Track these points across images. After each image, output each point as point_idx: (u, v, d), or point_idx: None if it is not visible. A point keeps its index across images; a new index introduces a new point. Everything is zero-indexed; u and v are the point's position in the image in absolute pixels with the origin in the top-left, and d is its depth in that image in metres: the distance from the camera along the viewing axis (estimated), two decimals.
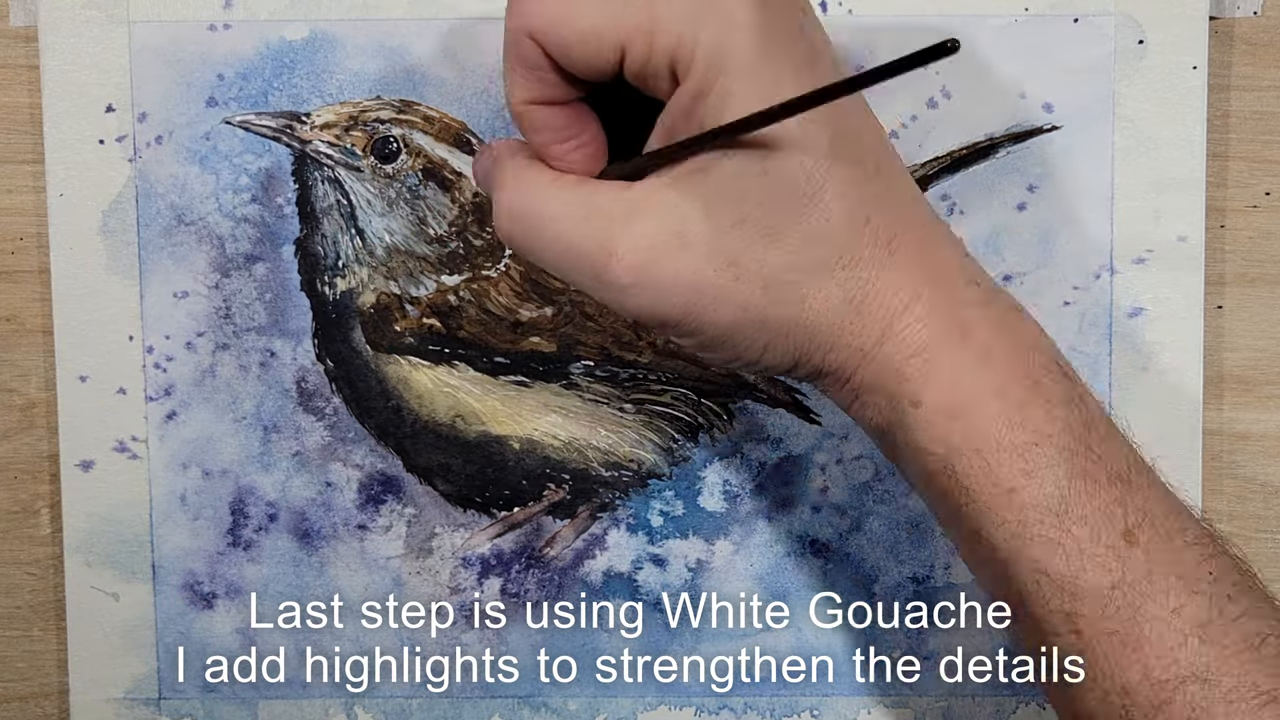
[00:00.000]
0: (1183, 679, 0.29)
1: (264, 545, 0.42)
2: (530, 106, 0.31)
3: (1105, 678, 0.29)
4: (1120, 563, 0.29)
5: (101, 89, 0.41)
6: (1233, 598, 0.29)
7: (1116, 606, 0.29)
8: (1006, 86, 0.41)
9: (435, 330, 0.41)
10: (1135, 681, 0.29)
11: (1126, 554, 0.29)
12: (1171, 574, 0.29)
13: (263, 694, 0.42)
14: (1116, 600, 0.29)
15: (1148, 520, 0.30)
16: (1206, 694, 0.29)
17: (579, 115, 0.31)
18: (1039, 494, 0.30)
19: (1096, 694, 0.30)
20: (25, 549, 0.43)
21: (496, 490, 0.42)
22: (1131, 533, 0.30)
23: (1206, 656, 0.29)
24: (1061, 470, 0.30)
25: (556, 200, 0.31)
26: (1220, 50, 0.41)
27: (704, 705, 0.42)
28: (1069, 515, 0.29)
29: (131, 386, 0.41)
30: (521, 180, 0.31)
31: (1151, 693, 0.29)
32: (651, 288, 0.30)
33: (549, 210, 0.31)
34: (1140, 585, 0.29)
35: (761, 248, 0.30)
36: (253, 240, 0.41)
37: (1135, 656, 0.29)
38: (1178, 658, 0.29)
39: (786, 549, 0.42)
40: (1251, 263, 0.42)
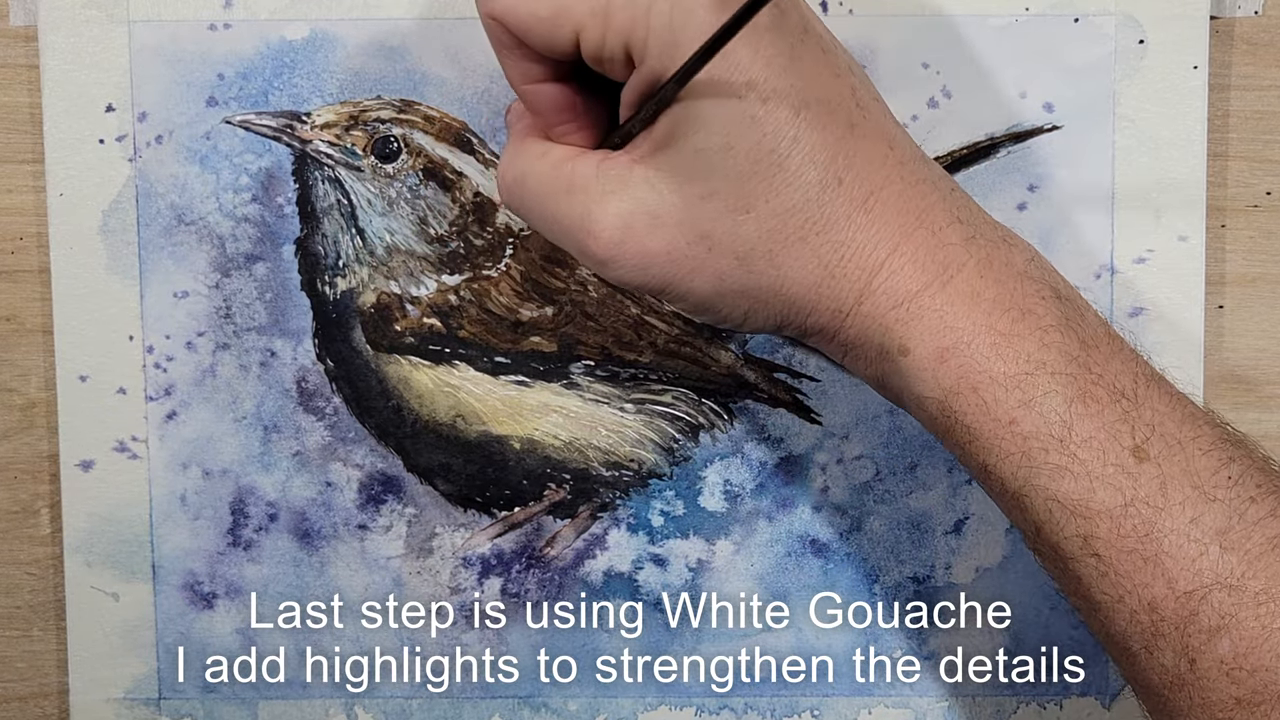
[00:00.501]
0: (1207, 587, 0.28)
1: (264, 545, 0.42)
2: (528, 87, 0.32)
3: (1130, 596, 0.29)
4: (1131, 480, 0.29)
5: (101, 88, 0.41)
6: (1256, 499, 0.29)
7: (1132, 524, 0.29)
8: (1007, 86, 0.41)
9: (436, 330, 0.41)
10: (1160, 597, 0.29)
11: (1136, 470, 0.29)
12: (1186, 484, 0.29)
13: (263, 694, 0.42)
14: (1131, 518, 0.29)
15: (1157, 433, 0.29)
16: (1234, 599, 0.28)
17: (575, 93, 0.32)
18: (1040, 422, 0.29)
19: (1124, 614, 0.29)
20: (25, 549, 0.43)
21: (497, 490, 0.42)
22: (1140, 448, 0.29)
23: (1230, 562, 0.28)
24: (1060, 396, 0.29)
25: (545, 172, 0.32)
26: (1221, 50, 0.41)
27: (704, 705, 0.42)
28: (1072, 439, 0.29)
29: (131, 386, 0.41)
30: (520, 148, 0.32)
31: (1178, 605, 0.29)
32: (629, 262, 0.31)
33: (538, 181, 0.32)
34: (1154, 500, 0.29)
35: (732, 221, 0.30)
36: (253, 240, 0.41)
37: (1157, 572, 0.29)
38: (1200, 567, 0.28)
39: (787, 549, 0.42)
40: (1252, 262, 0.42)
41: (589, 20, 0.29)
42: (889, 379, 0.31)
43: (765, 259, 0.30)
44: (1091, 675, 0.42)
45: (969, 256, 0.31)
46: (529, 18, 0.29)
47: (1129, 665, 0.30)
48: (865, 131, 0.31)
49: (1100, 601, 0.30)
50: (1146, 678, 0.30)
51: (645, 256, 0.31)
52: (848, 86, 0.31)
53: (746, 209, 0.30)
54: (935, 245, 0.30)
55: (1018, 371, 0.29)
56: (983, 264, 0.31)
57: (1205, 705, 0.29)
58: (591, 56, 0.30)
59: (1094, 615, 0.30)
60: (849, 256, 0.30)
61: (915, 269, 0.30)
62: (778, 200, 0.30)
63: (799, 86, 0.30)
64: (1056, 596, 0.42)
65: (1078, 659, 0.42)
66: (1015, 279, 0.31)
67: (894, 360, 0.31)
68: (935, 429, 0.31)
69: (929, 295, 0.30)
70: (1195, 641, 0.28)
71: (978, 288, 0.30)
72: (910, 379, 0.31)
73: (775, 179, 0.30)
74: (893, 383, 0.32)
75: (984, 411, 0.30)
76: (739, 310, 0.32)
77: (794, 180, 0.30)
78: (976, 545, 0.42)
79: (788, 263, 0.30)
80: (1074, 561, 0.30)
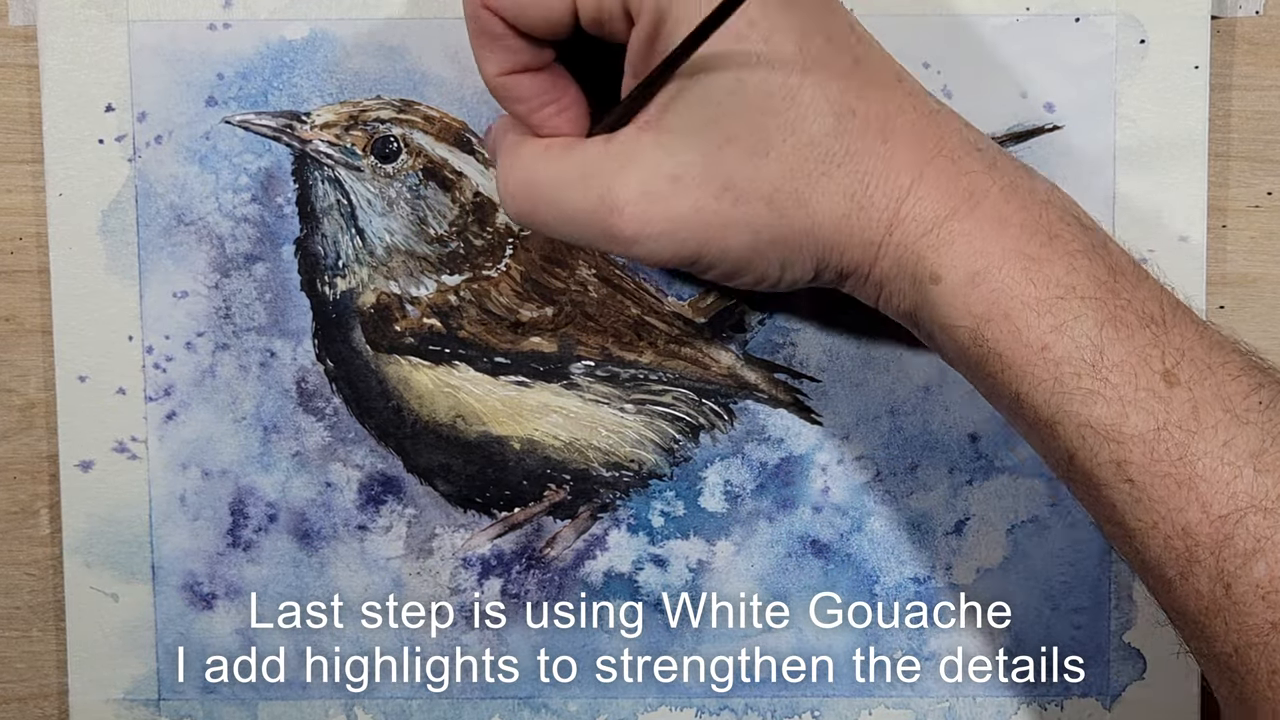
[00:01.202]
0: (1242, 510, 0.28)
1: (264, 546, 0.42)
2: (505, 78, 0.31)
3: (1165, 522, 0.29)
4: (1163, 404, 0.29)
5: (101, 88, 0.40)
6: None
7: (1165, 448, 0.29)
8: (1008, 86, 0.41)
9: (435, 330, 0.41)
10: (1194, 521, 0.28)
11: (1168, 394, 0.29)
12: (1218, 408, 0.29)
13: (262, 695, 0.42)
14: (1164, 442, 0.29)
15: (1186, 359, 0.29)
16: (1270, 522, 0.28)
17: (554, 79, 0.32)
18: (1071, 346, 0.29)
19: (1158, 540, 0.29)
20: (24, 549, 0.43)
21: (497, 491, 0.42)
22: (1171, 373, 0.29)
23: (1264, 485, 0.28)
24: (1090, 320, 0.29)
25: (551, 168, 0.31)
26: (1222, 50, 0.41)
27: (705, 706, 0.42)
28: (1104, 363, 0.29)
29: (131, 387, 0.41)
30: (517, 155, 0.32)
31: (1212, 529, 0.28)
32: (658, 233, 0.30)
33: (546, 178, 0.31)
34: (1187, 423, 0.29)
35: (753, 165, 0.30)
36: (252, 240, 0.41)
37: (1191, 495, 0.28)
38: (1234, 490, 0.28)
39: (787, 549, 0.42)
40: (1253, 263, 0.42)
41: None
42: (921, 311, 0.31)
43: (793, 199, 0.30)
44: (1092, 676, 0.42)
45: (992, 183, 0.30)
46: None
47: (1164, 592, 0.30)
48: (871, 64, 0.31)
49: (1135, 528, 0.30)
50: (1182, 604, 0.30)
51: (674, 222, 0.30)
52: (845, 21, 0.31)
53: (766, 150, 0.30)
54: (957, 172, 0.30)
55: (1049, 296, 0.29)
56: (1007, 190, 0.30)
57: (1241, 630, 0.28)
58: (590, 20, 0.30)
59: (1128, 543, 0.30)
60: (874, 185, 0.30)
61: (941, 195, 0.30)
62: (795, 136, 0.30)
63: (798, 21, 0.29)
64: (1058, 597, 0.42)
65: (1078, 660, 0.42)
66: (1039, 205, 0.31)
67: (925, 290, 0.30)
68: (966, 360, 0.31)
69: (957, 220, 0.30)
70: (1230, 565, 0.28)
71: (1004, 213, 0.30)
72: (942, 308, 0.30)
73: (789, 114, 0.29)
74: (925, 315, 0.31)
75: (1016, 337, 0.29)
76: (775, 264, 0.31)
77: (808, 113, 0.29)
78: (977, 546, 0.42)
79: (815, 199, 0.30)
80: (1107, 488, 0.30)
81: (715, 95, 0.29)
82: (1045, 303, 0.29)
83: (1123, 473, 0.29)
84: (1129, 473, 0.29)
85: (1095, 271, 0.30)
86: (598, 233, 0.31)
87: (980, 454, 0.41)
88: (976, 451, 0.41)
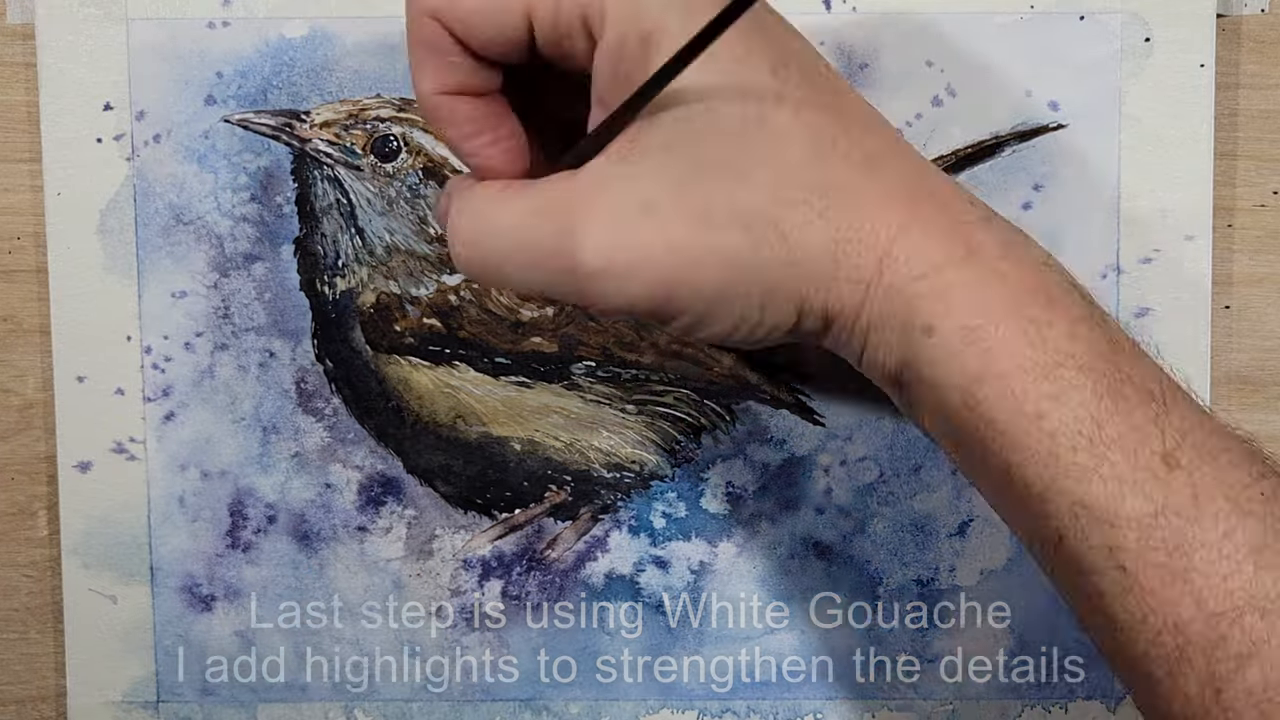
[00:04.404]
0: (1239, 610, 0.26)
1: (263, 547, 0.42)
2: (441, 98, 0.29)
3: (1155, 615, 0.27)
4: (1162, 487, 0.27)
5: (99, 87, 0.40)
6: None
7: (1162, 535, 0.27)
8: (1012, 84, 0.40)
9: (436, 330, 0.41)
10: (1188, 617, 0.27)
11: (1168, 477, 0.27)
12: (1219, 496, 0.27)
13: (262, 696, 0.42)
14: (1162, 528, 0.27)
15: (1188, 441, 0.27)
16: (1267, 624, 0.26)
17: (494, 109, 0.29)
18: (1069, 417, 0.27)
19: (1148, 634, 0.27)
20: (22, 551, 0.42)
21: (497, 492, 0.42)
22: (1171, 454, 0.27)
23: (1264, 583, 0.26)
24: (1089, 391, 0.27)
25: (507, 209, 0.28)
26: (1228, 48, 0.41)
27: (706, 708, 0.42)
28: (1103, 439, 0.27)
29: (129, 387, 0.41)
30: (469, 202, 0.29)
31: (1206, 627, 0.26)
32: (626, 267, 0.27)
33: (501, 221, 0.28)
34: (1186, 510, 0.27)
35: (728, 190, 0.27)
36: (252, 240, 0.41)
37: (1185, 589, 0.26)
38: (1232, 587, 0.26)
39: (789, 551, 0.42)
40: (1259, 262, 0.42)
41: None
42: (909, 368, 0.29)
43: (772, 228, 0.28)
44: (1096, 678, 0.42)
45: (988, 236, 0.28)
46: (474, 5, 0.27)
47: (1148, 692, 0.28)
48: (852, 101, 0.29)
49: (1122, 621, 0.28)
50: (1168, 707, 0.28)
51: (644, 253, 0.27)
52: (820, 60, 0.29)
53: (741, 174, 0.27)
54: (951, 220, 0.28)
55: (1048, 361, 0.27)
56: (1003, 246, 0.28)
57: None
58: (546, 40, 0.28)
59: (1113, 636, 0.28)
60: (861, 219, 0.28)
61: (935, 241, 0.28)
62: (773, 162, 0.28)
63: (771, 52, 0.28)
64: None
65: (1082, 661, 0.42)
66: (1038, 266, 0.29)
67: (916, 343, 0.28)
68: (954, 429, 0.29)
69: (953, 269, 0.28)
70: (1222, 669, 0.26)
71: (1002, 269, 0.28)
72: (933, 366, 0.28)
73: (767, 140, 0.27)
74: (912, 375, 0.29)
75: (1010, 401, 0.27)
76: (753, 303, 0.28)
77: (786, 140, 0.28)
78: (981, 548, 0.42)
79: (795, 230, 0.28)
80: (1096, 575, 0.28)
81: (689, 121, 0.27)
82: (1044, 367, 0.27)
83: (1114, 559, 0.27)
84: (1121, 559, 0.27)
85: (1095, 342, 0.28)
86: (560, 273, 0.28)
87: None
88: None
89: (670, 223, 0.27)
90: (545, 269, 0.28)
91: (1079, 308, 0.28)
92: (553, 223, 0.28)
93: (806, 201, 0.28)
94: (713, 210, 0.27)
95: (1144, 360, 0.29)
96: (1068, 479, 0.27)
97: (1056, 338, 0.28)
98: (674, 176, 0.27)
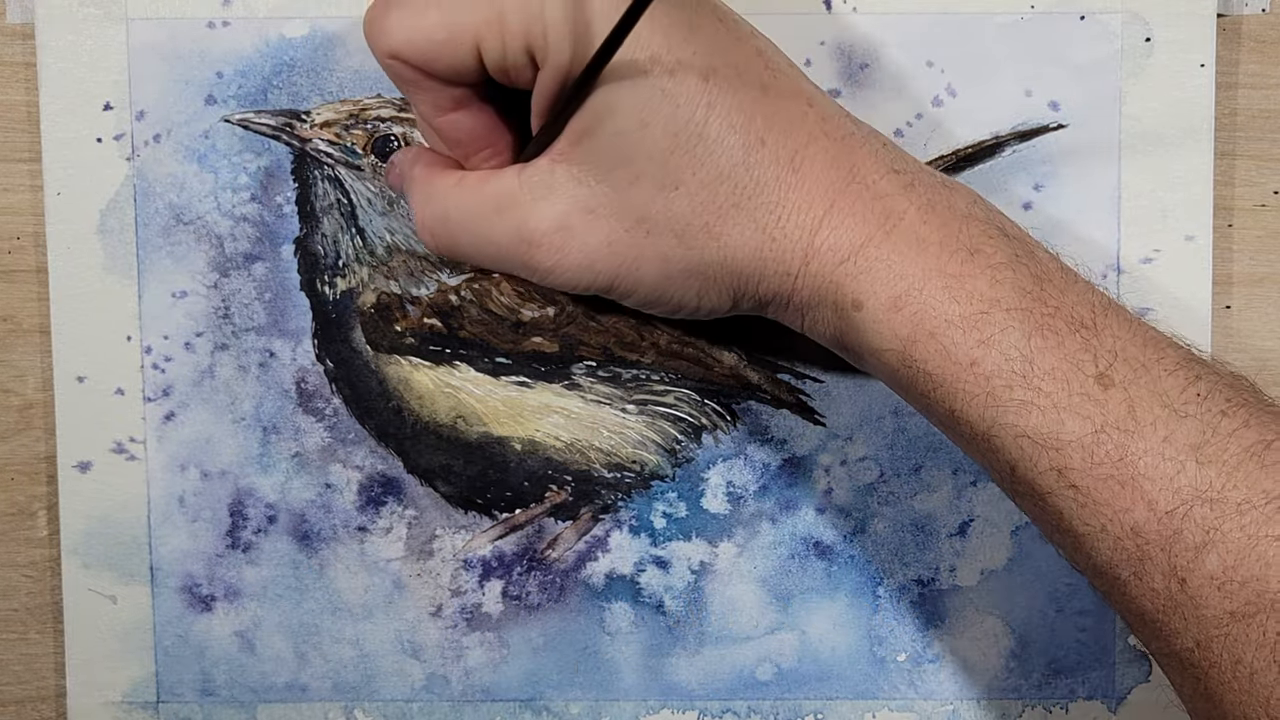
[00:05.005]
0: (1188, 504, 0.28)
1: (263, 547, 0.42)
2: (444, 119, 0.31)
3: (1113, 524, 0.29)
4: (1098, 407, 0.29)
5: (99, 86, 0.40)
6: (1227, 413, 0.29)
7: (1105, 450, 0.29)
8: (1012, 84, 0.40)
9: (436, 330, 0.41)
10: (1142, 519, 0.28)
11: (1103, 397, 0.29)
12: (1155, 404, 0.29)
13: (262, 697, 0.42)
14: (1104, 444, 0.29)
15: (1120, 359, 0.29)
16: (1216, 513, 0.28)
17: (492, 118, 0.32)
18: (1000, 359, 0.29)
19: (1108, 542, 0.29)
20: (22, 551, 0.42)
21: (498, 492, 0.42)
22: (1105, 375, 0.29)
23: (1208, 476, 0.28)
24: (1017, 331, 0.29)
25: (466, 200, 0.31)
26: (1228, 48, 0.41)
27: (707, 709, 0.42)
28: (1034, 373, 0.29)
29: (129, 387, 0.41)
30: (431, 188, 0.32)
31: (1160, 525, 0.28)
32: (574, 264, 0.31)
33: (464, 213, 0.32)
34: (1124, 423, 0.29)
35: (664, 199, 0.30)
36: (252, 240, 0.41)
37: (1135, 494, 0.28)
38: (1178, 485, 0.28)
39: (790, 551, 0.42)
40: (1259, 262, 0.42)
41: (485, 30, 0.29)
42: (847, 337, 0.31)
43: (704, 232, 0.30)
44: (1097, 678, 0.42)
45: (909, 204, 0.31)
46: (426, 45, 0.29)
47: (1119, 595, 0.30)
48: (780, 92, 0.31)
49: (1083, 534, 0.30)
50: (1138, 605, 0.30)
51: (588, 253, 0.31)
52: (753, 49, 0.31)
53: (675, 185, 0.30)
54: (872, 197, 0.30)
55: (973, 311, 0.29)
56: (924, 209, 0.31)
57: (1200, 622, 0.28)
58: (496, 68, 0.30)
59: (1078, 549, 0.30)
60: (786, 217, 0.30)
61: (856, 222, 0.30)
62: (704, 170, 0.30)
63: (703, 53, 0.30)
64: (1062, 599, 0.41)
65: (1083, 662, 0.42)
66: (959, 220, 0.31)
67: (848, 317, 0.31)
68: (897, 382, 0.31)
69: (874, 246, 0.30)
70: (1182, 560, 0.28)
71: (922, 233, 0.30)
72: (867, 333, 0.31)
73: (697, 149, 0.30)
74: (851, 340, 0.31)
75: (944, 356, 0.30)
76: (691, 292, 0.32)
77: (716, 147, 0.30)
78: (981, 548, 0.41)
79: (726, 232, 0.30)
80: (1052, 496, 0.30)
81: (624, 131, 0.29)
82: (970, 319, 0.29)
83: (1065, 479, 0.29)
84: (1071, 479, 0.29)
85: (1020, 282, 0.30)
86: (517, 263, 0.31)
87: None
88: None
89: (610, 227, 0.30)
90: (503, 259, 0.32)
91: (1002, 252, 0.30)
92: (508, 222, 0.31)
93: (736, 204, 0.30)
94: (650, 217, 0.30)
95: (1074, 287, 0.31)
96: (1008, 414, 0.29)
97: (980, 287, 0.30)
98: (614, 183, 0.30)
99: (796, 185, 0.30)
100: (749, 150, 0.30)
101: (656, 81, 0.29)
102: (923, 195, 0.31)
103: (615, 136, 0.30)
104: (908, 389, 0.31)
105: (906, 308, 0.30)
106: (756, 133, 0.30)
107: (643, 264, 0.31)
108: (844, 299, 0.31)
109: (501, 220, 0.31)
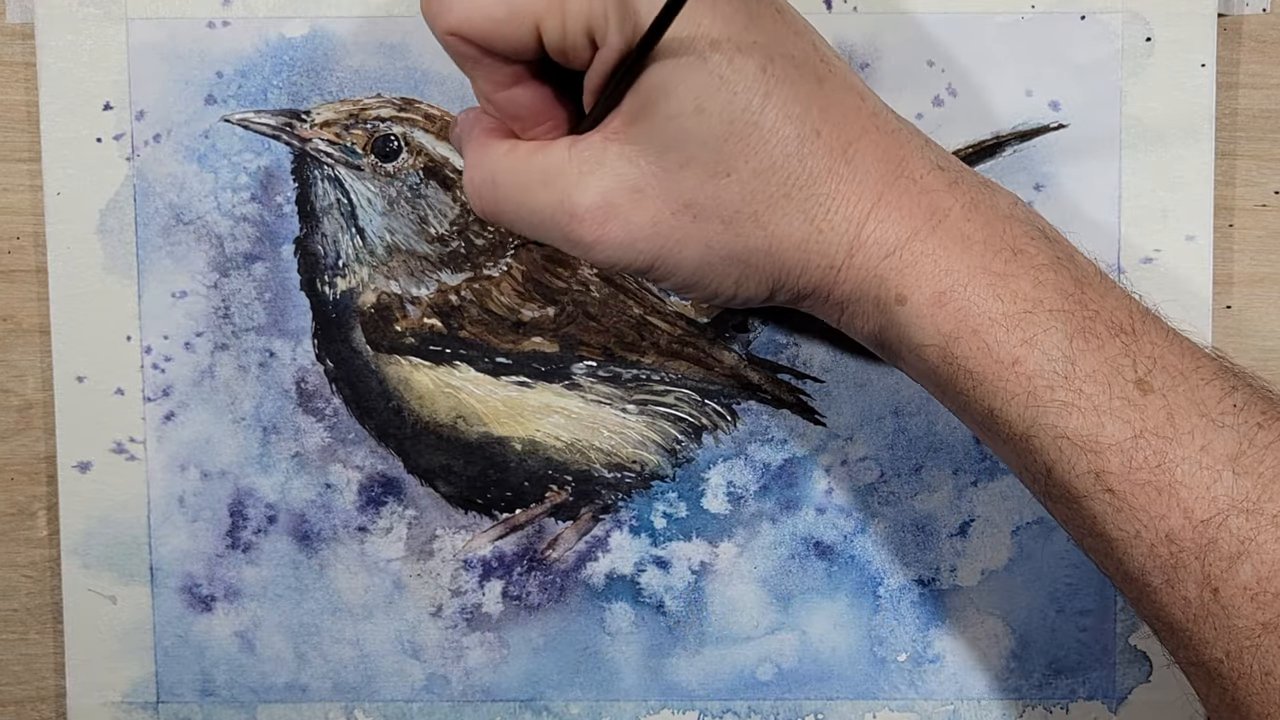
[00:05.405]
0: (1224, 514, 0.28)
1: (263, 547, 0.42)
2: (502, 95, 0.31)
3: (1147, 530, 0.29)
4: (1138, 411, 0.29)
5: (99, 86, 0.40)
6: (1263, 425, 0.29)
7: (1143, 456, 0.29)
8: (1013, 84, 0.40)
9: (436, 330, 0.41)
10: (1177, 527, 0.28)
11: (1142, 402, 0.29)
12: (1193, 413, 0.29)
13: (261, 698, 0.42)
14: (1142, 449, 0.29)
15: (1159, 365, 0.29)
16: (1252, 523, 0.28)
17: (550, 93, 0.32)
18: (1042, 359, 0.29)
19: (1142, 548, 0.29)
20: (22, 551, 0.42)
21: (498, 492, 0.42)
22: (1144, 380, 0.29)
23: (1244, 487, 0.28)
24: (1060, 332, 0.29)
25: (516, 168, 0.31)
26: (1228, 48, 0.41)
27: (708, 709, 0.42)
28: (1076, 374, 0.29)
29: (129, 387, 0.41)
30: (484, 152, 0.32)
31: (1196, 534, 0.28)
32: (616, 241, 0.30)
33: (510, 178, 0.31)
34: (1163, 430, 0.29)
35: (714, 185, 0.30)
36: (252, 239, 0.41)
37: (1172, 501, 0.28)
38: (1215, 494, 0.28)
39: (790, 551, 0.42)
40: (1260, 262, 0.42)
41: (546, 11, 0.29)
42: (887, 332, 0.31)
43: (751, 220, 0.30)
44: (1097, 678, 0.42)
45: (954, 201, 0.31)
46: (486, 23, 0.29)
47: (1149, 603, 0.30)
48: (834, 84, 0.31)
49: (1117, 539, 0.29)
50: (1169, 613, 0.29)
51: (631, 232, 0.30)
52: (809, 42, 0.31)
53: (727, 172, 0.30)
54: (919, 192, 0.30)
55: (1016, 310, 0.29)
56: (969, 207, 0.31)
57: (1231, 632, 0.28)
58: (555, 48, 0.30)
59: (1110, 554, 0.30)
60: (835, 209, 0.30)
61: (902, 216, 0.30)
62: (757, 159, 0.30)
63: (762, 42, 0.30)
64: (1063, 599, 0.41)
65: (1084, 662, 0.42)
66: (1002, 220, 0.31)
67: (890, 311, 0.31)
68: (936, 380, 0.31)
69: (919, 241, 0.30)
70: (1216, 569, 0.28)
71: (966, 231, 0.30)
72: (909, 328, 0.30)
73: (752, 137, 0.30)
74: (891, 336, 0.31)
75: (986, 354, 0.30)
76: (729, 279, 0.31)
77: (771, 136, 0.30)
78: (982, 548, 0.41)
79: (774, 222, 0.30)
80: (1087, 499, 0.30)
81: (679, 115, 0.29)
82: (1013, 318, 0.29)
83: (1102, 483, 0.29)
84: (1108, 482, 0.29)
85: (1062, 284, 0.30)
86: (558, 235, 0.31)
87: (985, 455, 0.41)
88: (981, 453, 0.41)
89: (656, 208, 0.30)
90: (545, 228, 0.31)
91: (1044, 254, 0.30)
92: (553, 193, 0.31)
93: (786, 195, 0.30)
94: (698, 202, 0.30)
95: (1113, 293, 0.31)
96: (1048, 415, 0.29)
97: (1023, 287, 0.30)
98: (664, 165, 0.30)
99: (848, 177, 0.30)
100: (804, 141, 0.30)
101: (714, 68, 0.29)
102: (967, 193, 0.31)
103: (670, 120, 0.29)
104: (946, 387, 0.31)
105: (950, 304, 0.30)
106: (812, 124, 0.30)
107: (685, 248, 0.31)
108: (887, 293, 0.30)
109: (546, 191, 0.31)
